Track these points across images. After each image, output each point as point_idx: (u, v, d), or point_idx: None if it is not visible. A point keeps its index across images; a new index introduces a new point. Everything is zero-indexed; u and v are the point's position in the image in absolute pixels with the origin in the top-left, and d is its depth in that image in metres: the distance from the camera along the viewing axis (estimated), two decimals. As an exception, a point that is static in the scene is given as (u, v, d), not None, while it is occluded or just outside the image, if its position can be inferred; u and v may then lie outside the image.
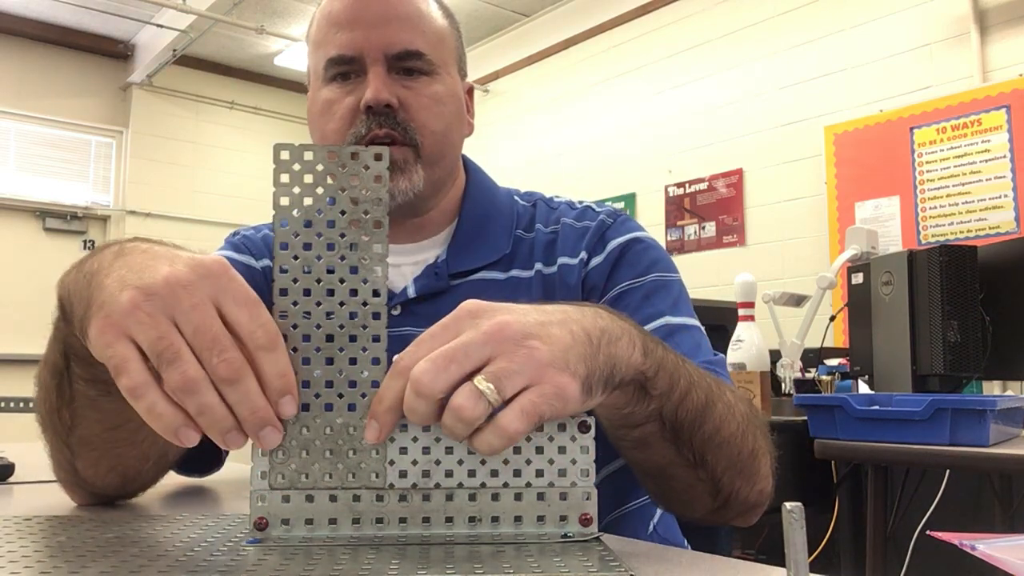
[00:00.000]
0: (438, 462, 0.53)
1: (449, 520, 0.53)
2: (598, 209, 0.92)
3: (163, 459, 0.72)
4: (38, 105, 5.71)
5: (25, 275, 5.54)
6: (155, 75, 5.90)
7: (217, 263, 0.50)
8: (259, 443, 0.49)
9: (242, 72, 6.37)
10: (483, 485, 0.53)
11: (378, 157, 0.53)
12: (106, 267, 0.53)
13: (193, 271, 0.49)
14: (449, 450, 0.53)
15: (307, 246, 0.52)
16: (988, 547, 0.35)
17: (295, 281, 0.52)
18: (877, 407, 1.58)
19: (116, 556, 0.48)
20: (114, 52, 5.98)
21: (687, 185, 4.60)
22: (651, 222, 4.64)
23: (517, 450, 0.53)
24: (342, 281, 0.52)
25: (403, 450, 0.52)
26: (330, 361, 0.52)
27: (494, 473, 0.53)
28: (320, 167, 0.53)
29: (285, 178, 0.53)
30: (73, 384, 0.61)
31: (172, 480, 0.80)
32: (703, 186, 4.52)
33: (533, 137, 5.50)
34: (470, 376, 0.48)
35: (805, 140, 4.03)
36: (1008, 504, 1.93)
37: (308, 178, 0.53)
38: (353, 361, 0.52)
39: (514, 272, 0.88)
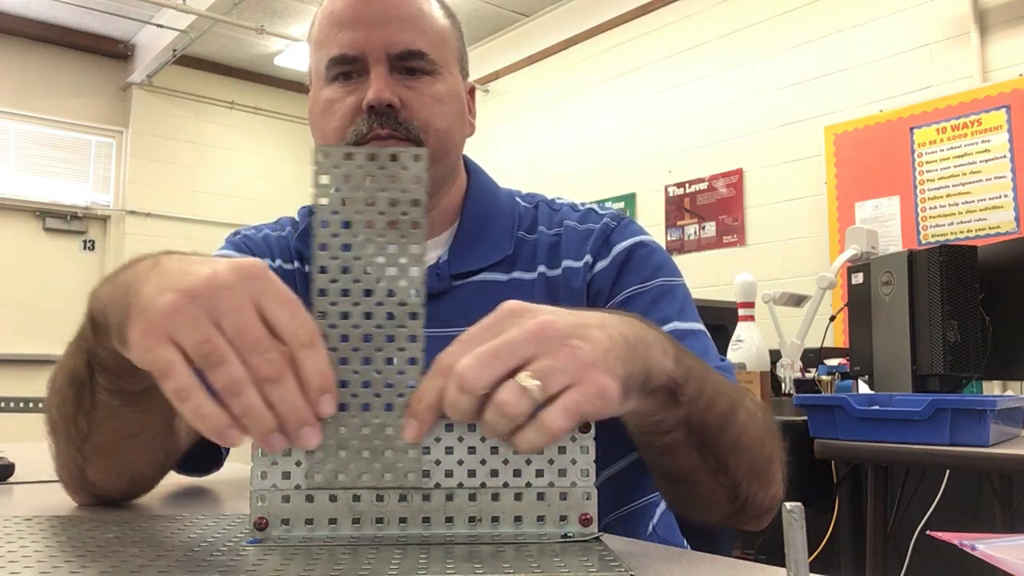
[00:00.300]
0: (438, 462, 0.53)
1: (449, 520, 0.53)
2: (601, 212, 0.92)
3: (168, 461, 0.73)
4: (38, 105, 5.71)
5: (25, 275, 5.54)
6: (155, 75, 5.90)
7: (255, 265, 0.50)
8: (298, 442, 0.49)
9: (242, 72, 6.37)
10: (483, 485, 0.53)
11: (417, 158, 0.53)
12: (142, 277, 0.53)
13: (233, 273, 0.49)
14: (449, 450, 0.53)
15: (346, 247, 0.53)
16: (988, 547, 0.35)
17: (334, 281, 0.52)
18: (877, 407, 1.58)
19: (116, 556, 0.48)
20: (114, 52, 5.98)
21: (687, 185, 4.60)
22: (651, 222, 4.65)
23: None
24: (380, 282, 0.52)
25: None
26: (367, 361, 0.52)
27: (494, 473, 0.53)
28: (360, 169, 0.53)
29: (325, 179, 0.53)
30: (96, 394, 0.61)
31: (172, 480, 0.80)
32: (703, 186, 4.52)
33: (533, 137, 5.50)
34: (513, 374, 0.48)
35: (805, 140, 4.03)
36: (1008, 504, 1.93)
37: (347, 180, 0.53)
38: (390, 361, 0.52)
39: (516, 274, 0.88)
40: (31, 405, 1.22)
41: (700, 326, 0.85)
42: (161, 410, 0.65)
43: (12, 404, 1.24)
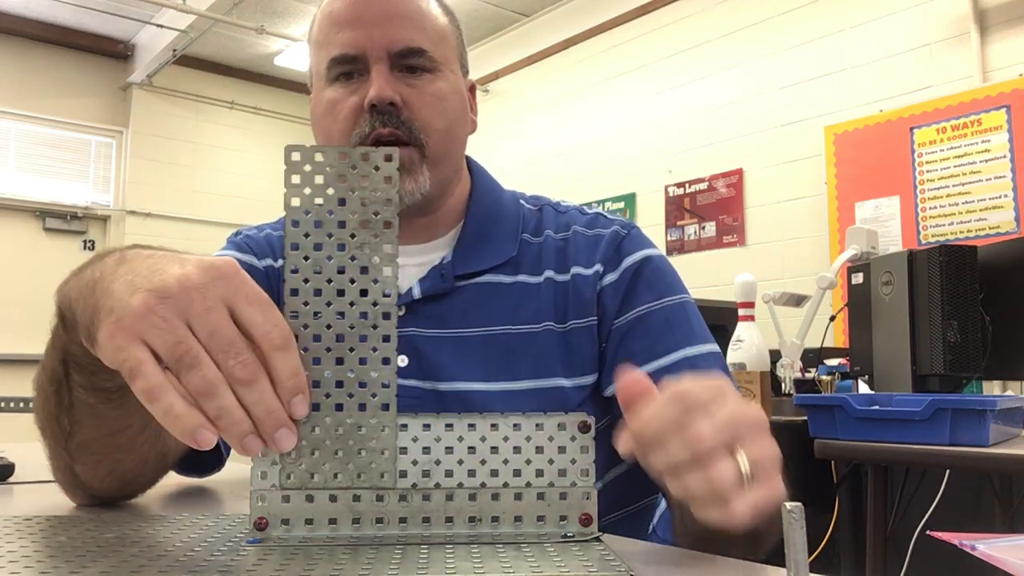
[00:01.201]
0: (438, 462, 0.53)
1: (449, 520, 0.53)
2: (610, 218, 0.92)
3: (162, 461, 0.72)
4: (38, 105, 5.71)
5: (25, 275, 5.54)
6: (155, 75, 5.90)
7: (227, 264, 0.50)
8: (273, 445, 0.48)
9: (242, 72, 6.37)
10: (483, 485, 0.53)
11: (388, 158, 0.53)
12: (110, 273, 0.52)
13: (205, 273, 0.49)
14: (449, 450, 0.53)
15: (318, 246, 0.52)
16: (988, 547, 0.35)
17: (306, 281, 0.52)
18: (877, 407, 1.58)
19: (116, 556, 0.48)
20: (114, 52, 5.98)
21: (687, 185, 4.60)
22: (651, 222, 4.65)
23: (517, 450, 0.53)
24: (352, 281, 0.52)
25: (403, 450, 0.52)
26: (340, 361, 0.52)
27: (494, 473, 0.53)
28: (331, 168, 0.53)
29: (296, 179, 0.53)
30: (72, 391, 0.61)
31: (172, 480, 0.80)
32: (703, 186, 4.52)
33: (533, 137, 5.50)
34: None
35: (805, 140, 4.03)
36: (1008, 504, 1.93)
37: (319, 179, 0.53)
38: (363, 361, 0.52)
39: (521, 277, 0.87)
40: (31, 405, 1.21)
41: (711, 347, 0.86)
42: (138, 407, 0.64)
43: (12, 404, 1.24)
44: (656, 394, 0.50)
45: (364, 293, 0.52)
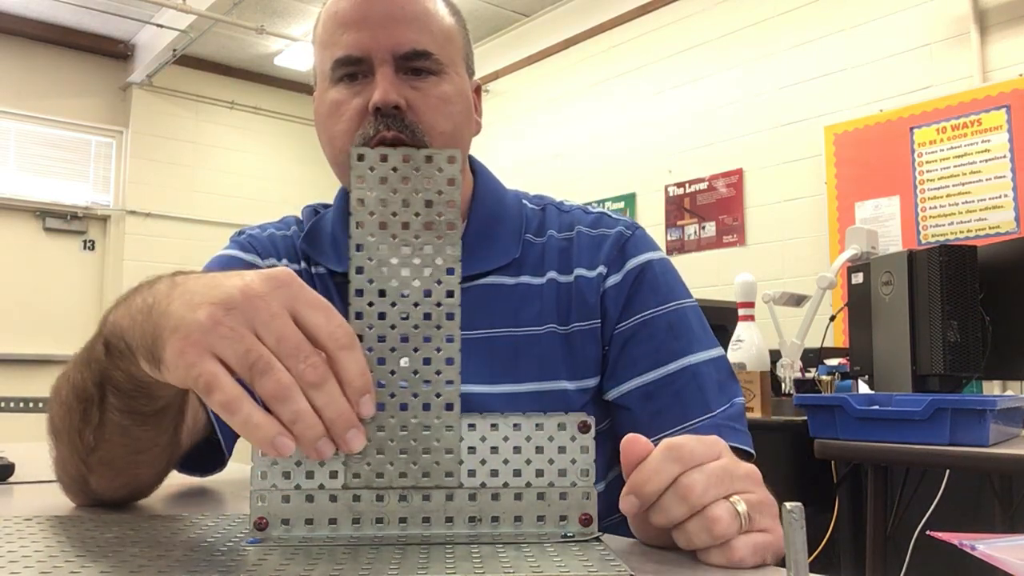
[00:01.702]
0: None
1: (449, 520, 0.53)
2: (615, 218, 0.92)
3: (170, 467, 0.73)
4: (38, 105, 5.71)
5: (25, 275, 5.54)
6: (155, 75, 5.90)
7: (284, 272, 0.50)
8: (344, 446, 0.48)
9: (242, 72, 6.37)
10: (483, 485, 0.53)
11: (452, 160, 0.53)
12: (164, 298, 0.52)
13: (265, 282, 0.49)
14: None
15: (382, 248, 0.53)
16: (988, 547, 0.35)
17: (371, 282, 0.52)
18: (877, 407, 1.58)
19: (116, 556, 0.48)
20: (114, 52, 5.98)
21: (687, 185, 4.60)
22: (651, 222, 4.65)
23: (517, 450, 0.53)
24: (416, 283, 0.53)
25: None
26: (405, 362, 0.52)
27: (494, 473, 0.53)
28: (395, 170, 0.53)
29: (360, 181, 0.53)
30: (105, 413, 0.61)
31: (172, 480, 0.80)
32: (703, 186, 4.52)
33: (533, 137, 5.50)
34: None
35: (805, 140, 4.03)
36: (1008, 504, 1.93)
37: (383, 181, 0.53)
38: (427, 361, 0.52)
39: (524, 278, 0.87)
40: (31, 405, 1.21)
41: (715, 352, 0.85)
42: (170, 427, 0.65)
43: (12, 404, 1.24)
44: (652, 452, 0.52)
45: (428, 294, 0.53)
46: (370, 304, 0.52)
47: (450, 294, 0.53)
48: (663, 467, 0.51)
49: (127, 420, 0.61)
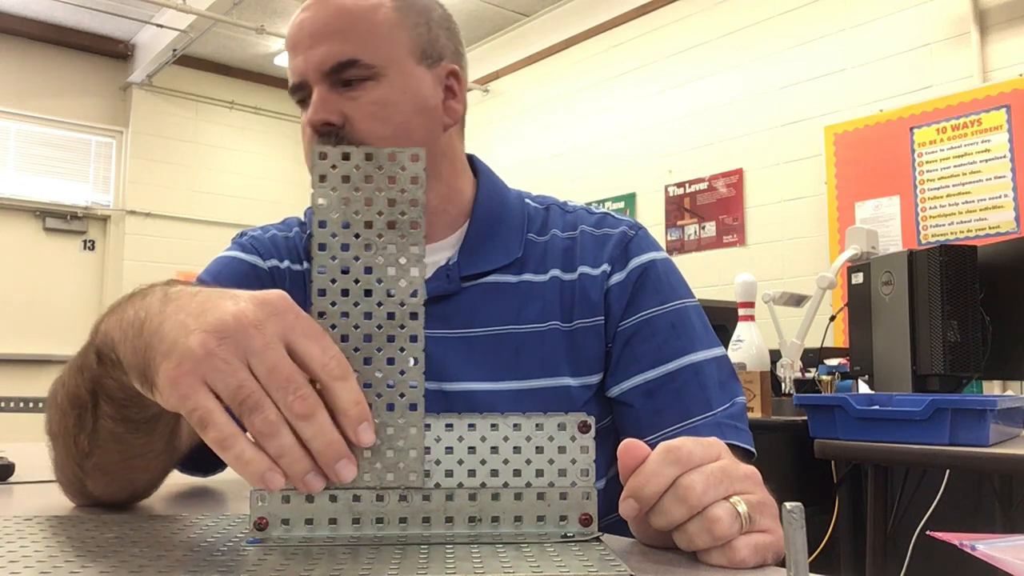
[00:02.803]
0: (438, 462, 0.53)
1: (449, 520, 0.53)
2: (618, 218, 0.92)
3: (168, 470, 0.73)
4: (38, 105, 5.71)
5: (25, 275, 5.55)
6: (155, 75, 5.90)
7: (280, 298, 0.50)
8: (334, 477, 0.48)
9: (242, 72, 6.37)
10: (483, 485, 0.53)
11: (415, 158, 0.53)
12: (156, 313, 0.52)
13: (260, 309, 0.49)
14: (449, 450, 0.53)
15: (345, 247, 0.52)
16: (988, 547, 0.35)
17: (333, 282, 0.52)
18: (877, 407, 1.58)
19: (116, 556, 0.48)
20: (114, 52, 5.98)
21: (687, 185, 4.60)
22: (651, 222, 4.65)
23: (517, 450, 0.53)
24: (380, 282, 0.52)
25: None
26: (368, 361, 0.52)
27: (494, 473, 0.53)
28: (358, 169, 0.53)
29: (323, 180, 0.53)
30: (99, 419, 0.61)
31: (172, 480, 0.80)
32: (703, 186, 4.52)
33: (533, 137, 5.50)
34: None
35: (805, 140, 4.03)
36: (1008, 504, 1.93)
37: (346, 180, 0.53)
38: (391, 361, 0.52)
39: (527, 276, 0.87)
40: (31, 405, 1.21)
41: (716, 351, 0.86)
42: (164, 433, 0.64)
43: (12, 404, 1.24)
44: (650, 455, 0.52)
45: (391, 294, 0.52)
46: (333, 304, 0.52)
47: (414, 293, 0.52)
48: (662, 469, 0.51)
49: (120, 427, 0.61)
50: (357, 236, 0.53)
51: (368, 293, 0.52)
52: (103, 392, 0.59)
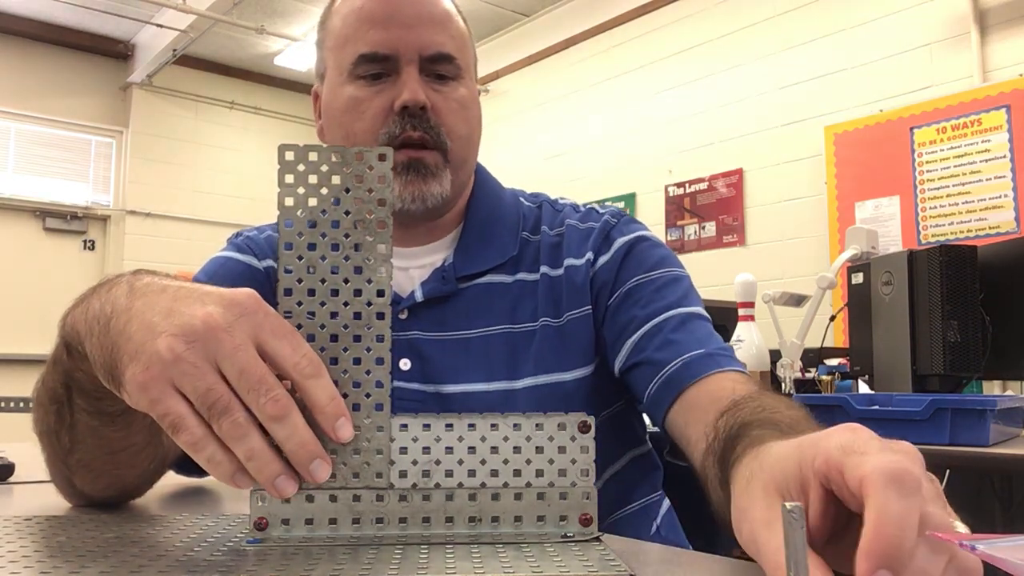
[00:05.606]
0: (438, 462, 0.53)
1: (449, 520, 0.53)
2: (602, 211, 0.92)
3: (160, 467, 0.72)
4: (38, 105, 5.72)
5: (25, 275, 5.55)
6: (155, 75, 5.90)
7: (249, 297, 0.49)
8: (309, 477, 0.48)
9: (242, 72, 6.37)
10: (483, 485, 0.53)
11: (382, 158, 0.53)
12: (123, 310, 0.51)
13: (229, 310, 0.48)
14: (449, 450, 0.53)
15: (311, 246, 0.52)
16: (988, 547, 0.35)
17: (299, 281, 0.52)
18: (877, 407, 1.58)
19: (116, 556, 0.48)
20: (114, 52, 5.98)
21: (687, 185, 4.60)
22: (651, 222, 4.64)
23: (517, 450, 0.53)
24: (346, 281, 0.52)
25: (403, 450, 0.52)
26: (334, 361, 0.52)
27: (494, 473, 0.53)
28: (324, 168, 0.53)
29: (290, 179, 0.52)
30: (75, 413, 0.60)
31: (172, 480, 0.80)
32: (703, 186, 4.52)
33: (533, 137, 5.50)
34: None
35: (805, 140, 4.03)
36: (1008, 504, 1.93)
37: (313, 179, 0.52)
38: (357, 361, 0.52)
39: (520, 275, 0.87)
40: (31, 405, 1.21)
41: (705, 313, 0.85)
42: (143, 427, 0.64)
43: (12, 404, 1.24)
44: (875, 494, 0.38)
45: (358, 293, 0.52)
46: (299, 303, 0.52)
47: (380, 293, 0.52)
48: (907, 517, 0.38)
49: (95, 420, 0.60)
50: (324, 235, 0.52)
51: (335, 293, 0.52)
52: (75, 385, 0.58)
